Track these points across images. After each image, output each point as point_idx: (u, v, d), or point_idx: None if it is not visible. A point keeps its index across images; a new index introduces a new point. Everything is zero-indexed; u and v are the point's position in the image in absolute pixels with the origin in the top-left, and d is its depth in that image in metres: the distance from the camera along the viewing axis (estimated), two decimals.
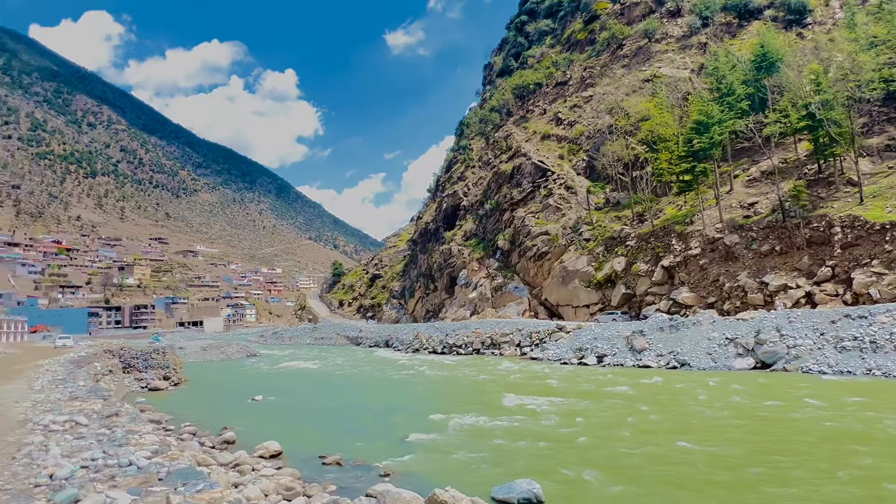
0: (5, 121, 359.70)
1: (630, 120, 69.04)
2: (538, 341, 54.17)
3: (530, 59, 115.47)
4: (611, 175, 69.71)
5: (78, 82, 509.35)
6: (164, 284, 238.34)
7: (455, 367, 47.42)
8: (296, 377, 47.85)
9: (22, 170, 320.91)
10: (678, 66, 77.02)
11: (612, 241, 62.49)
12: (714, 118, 51.35)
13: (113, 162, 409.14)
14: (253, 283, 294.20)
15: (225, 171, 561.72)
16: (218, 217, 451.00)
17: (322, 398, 34.91)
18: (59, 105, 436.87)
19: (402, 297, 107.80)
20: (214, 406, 32.92)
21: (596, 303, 61.12)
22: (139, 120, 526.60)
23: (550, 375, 38.59)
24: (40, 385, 21.33)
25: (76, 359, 36.83)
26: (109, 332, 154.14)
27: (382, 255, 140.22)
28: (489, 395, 31.25)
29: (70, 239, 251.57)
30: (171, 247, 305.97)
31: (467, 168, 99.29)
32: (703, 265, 50.53)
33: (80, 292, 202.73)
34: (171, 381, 42.04)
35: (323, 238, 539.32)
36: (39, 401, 16.32)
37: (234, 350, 74.62)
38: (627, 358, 42.38)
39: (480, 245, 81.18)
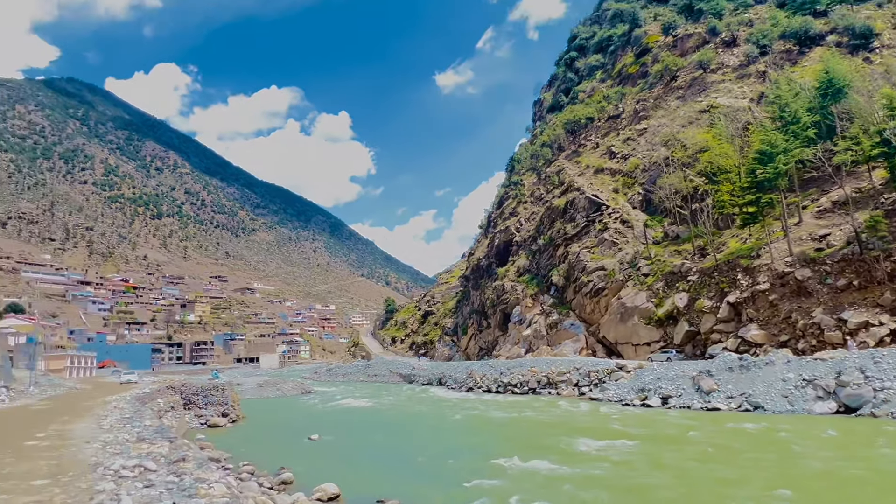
0: (82, 167, 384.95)
1: (687, 152, 67.32)
2: (597, 381, 52.18)
3: (581, 93, 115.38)
4: (668, 208, 67.76)
5: (148, 130, 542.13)
6: (222, 321, 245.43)
7: (511, 408, 46.04)
8: (350, 415, 47.51)
9: (95, 212, 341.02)
10: (736, 95, 75.08)
11: (672, 276, 60.28)
12: (778, 147, 49.31)
13: (177, 204, 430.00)
14: (307, 320, 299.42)
15: (281, 211, 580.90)
16: (274, 255, 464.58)
17: (377, 438, 34.33)
18: (130, 151, 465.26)
19: (454, 334, 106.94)
20: (271, 444, 32.83)
21: (657, 340, 58.67)
22: (202, 163, 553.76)
23: (614, 417, 36.82)
24: (109, 424, 21.62)
25: (141, 395, 37.64)
26: (171, 368, 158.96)
27: (434, 292, 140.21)
28: (551, 437, 29.92)
29: (137, 277, 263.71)
30: (230, 284, 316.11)
31: (519, 203, 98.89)
32: (773, 301, 47.83)
33: (145, 329, 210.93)
34: (229, 418, 42.41)
35: (375, 275, 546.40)
36: (108, 441, 16.42)
37: (289, 387, 75.15)
38: (695, 400, 40.05)
39: (534, 281, 79.91)
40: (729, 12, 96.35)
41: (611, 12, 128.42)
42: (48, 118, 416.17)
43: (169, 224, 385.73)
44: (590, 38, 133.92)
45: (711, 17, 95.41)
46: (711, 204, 60.17)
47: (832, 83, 53.85)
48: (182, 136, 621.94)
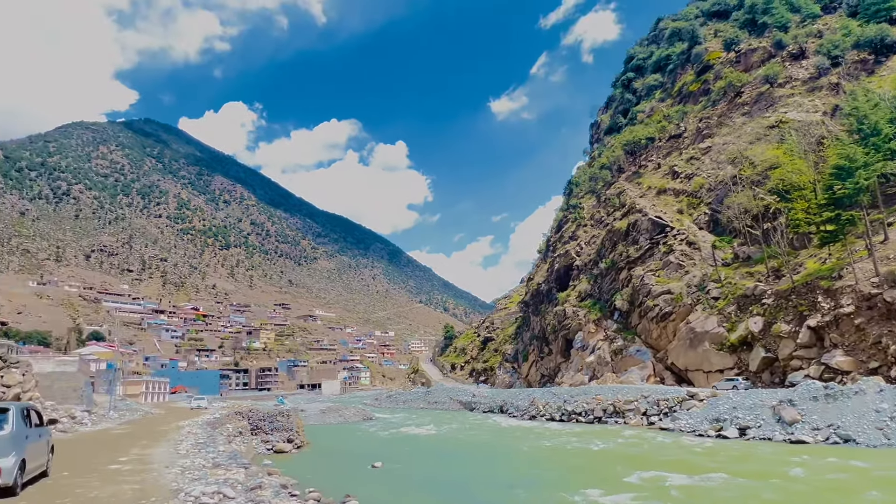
0: (157, 202, 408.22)
1: (756, 169, 64.57)
2: (667, 410, 49.82)
3: (639, 114, 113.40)
4: (738, 228, 64.92)
5: (217, 165, 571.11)
6: (286, 348, 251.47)
7: (579, 437, 44.50)
8: (412, 443, 47.16)
9: (169, 244, 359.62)
10: (807, 109, 71.76)
11: (744, 299, 57.40)
12: (858, 161, 46.52)
13: (244, 234, 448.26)
14: (367, 347, 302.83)
15: (341, 239, 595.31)
16: (335, 283, 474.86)
17: (441, 467, 33.82)
18: (201, 186, 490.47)
19: (514, 361, 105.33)
20: (335, 471, 32.87)
21: (731, 367, 55.75)
22: (267, 195, 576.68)
23: (692, 449, 34.92)
24: (185, 449, 22.19)
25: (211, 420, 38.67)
26: (238, 393, 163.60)
27: (494, 318, 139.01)
28: (626, 469, 28.53)
29: (206, 306, 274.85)
30: (293, 311, 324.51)
31: (579, 227, 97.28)
32: (859, 325, 44.62)
33: (214, 355, 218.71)
34: (294, 444, 42.86)
35: (433, 301, 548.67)
36: (186, 466, 16.82)
37: (351, 413, 75.63)
38: (776, 431, 37.49)
39: (596, 306, 77.92)
40: (795, 24, 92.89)
41: (668, 31, 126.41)
42: (127, 157, 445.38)
43: (236, 254, 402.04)
44: (647, 58, 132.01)
45: (776, 31, 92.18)
46: (785, 223, 57.21)
47: None
48: (248, 170, 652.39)
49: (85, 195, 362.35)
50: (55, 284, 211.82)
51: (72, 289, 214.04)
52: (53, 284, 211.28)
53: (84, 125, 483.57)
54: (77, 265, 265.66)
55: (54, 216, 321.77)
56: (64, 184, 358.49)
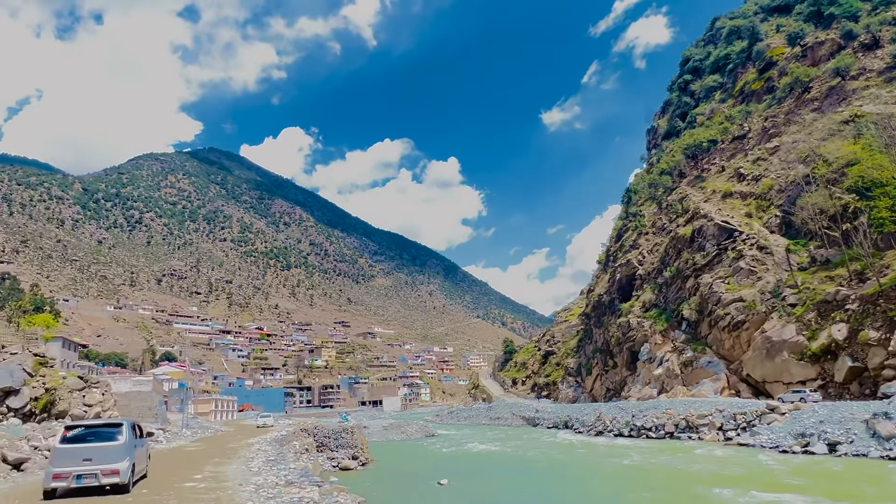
0: (222, 226, 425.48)
1: (832, 167, 60.86)
2: (745, 424, 47.01)
3: (699, 116, 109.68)
4: (813, 230, 61.20)
5: (276, 189, 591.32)
6: (346, 365, 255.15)
7: (649, 453, 42.55)
8: (477, 460, 46.32)
9: (233, 266, 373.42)
10: (885, 101, 67.33)
11: (825, 305, 53.82)
12: None
13: (303, 255, 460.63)
14: (426, 363, 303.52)
15: (397, 257, 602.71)
16: (392, 300, 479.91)
17: (509, 485, 32.88)
18: (262, 209, 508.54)
19: (577, 375, 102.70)
20: (401, 489, 32.51)
21: (813, 378, 52.21)
22: (324, 216, 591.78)
23: (777, 467, 32.66)
24: (256, 466, 22.32)
25: (279, 437, 39.14)
26: (301, 411, 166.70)
27: (554, 331, 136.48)
28: (702, 488, 26.89)
29: (270, 325, 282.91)
30: (353, 329, 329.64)
31: (640, 235, 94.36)
32: None
33: (278, 374, 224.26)
34: (359, 461, 42.88)
35: (490, 316, 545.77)
36: (260, 484, 16.79)
37: (413, 430, 75.41)
38: (871, 447, 34.56)
39: (662, 316, 75.01)
40: (865, 13, 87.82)
41: (726, 30, 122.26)
42: (193, 185, 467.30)
43: (296, 274, 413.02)
44: (704, 58, 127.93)
45: (845, 21, 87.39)
46: (867, 222, 53.50)
47: None
48: (306, 192, 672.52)
49: (155, 222, 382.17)
50: (130, 308, 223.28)
51: (145, 312, 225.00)
52: (129, 308, 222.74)
53: (153, 156, 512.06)
54: (150, 289, 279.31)
55: (128, 243, 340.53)
56: (136, 212, 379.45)
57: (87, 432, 15.74)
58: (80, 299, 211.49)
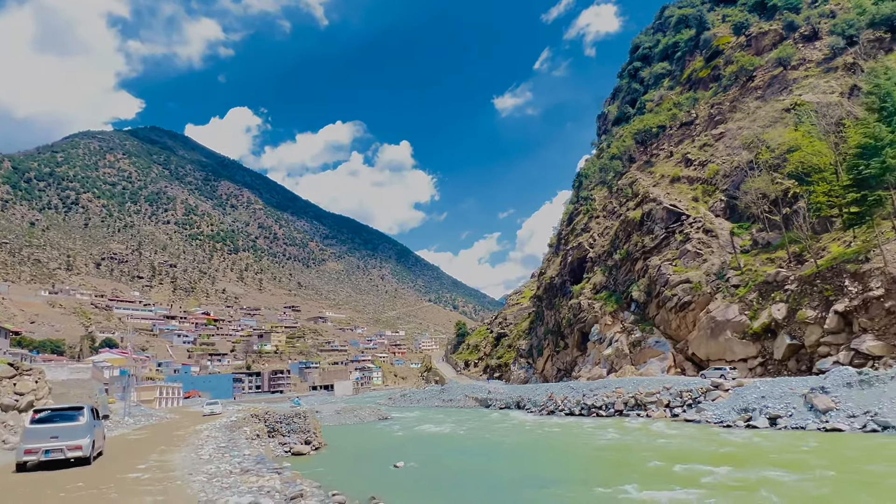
0: (165, 208, 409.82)
1: (774, 153, 63.06)
2: (691, 401, 48.63)
3: (648, 103, 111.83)
4: (756, 214, 63.50)
5: (223, 170, 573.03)
6: (297, 350, 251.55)
7: (602, 431, 43.40)
8: (432, 442, 46.21)
9: (178, 250, 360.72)
10: (823, 90, 70.16)
11: (766, 286, 56.06)
12: (884, 140, 45.11)
13: (252, 238, 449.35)
14: (378, 347, 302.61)
15: (349, 241, 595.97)
16: (344, 284, 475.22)
17: (465, 465, 32.82)
18: (208, 191, 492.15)
19: (529, 356, 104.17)
20: (356, 472, 31.99)
21: (754, 356, 54.43)
22: (273, 199, 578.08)
23: (723, 441, 33.77)
24: (207, 454, 21.16)
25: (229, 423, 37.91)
26: (250, 397, 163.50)
27: (506, 313, 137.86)
28: (654, 463, 27.48)
29: (217, 310, 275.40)
30: (303, 314, 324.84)
31: (591, 219, 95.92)
32: (889, 308, 43.28)
33: (226, 359, 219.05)
34: (312, 446, 42.06)
35: (442, 300, 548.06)
36: (213, 473, 15.70)
37: (366, 413, 74.91)
38: (809, 420, 36.21)
39: (612, 298, 76.63)
40: (806, 5, 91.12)
41: (674, 18, 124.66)
42: (134, 165, 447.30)
43: (245, 258, 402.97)
44: (653, 46, 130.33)
45: (788, 13, 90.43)
46: (806, 207, 55.80)
47: None
48: (254, 174, 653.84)
49: (93, 204, 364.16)
50: (67, 293, 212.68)
51: (83, 297, 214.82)
52: (65, 293, 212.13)
53: (91, 134, 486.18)
54: (88, 273, 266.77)
55: (64, 225, 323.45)
56: (72, 193, 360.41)
57: (53, 414, 18.21)
58: (11, 284, 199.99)
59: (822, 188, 53.43)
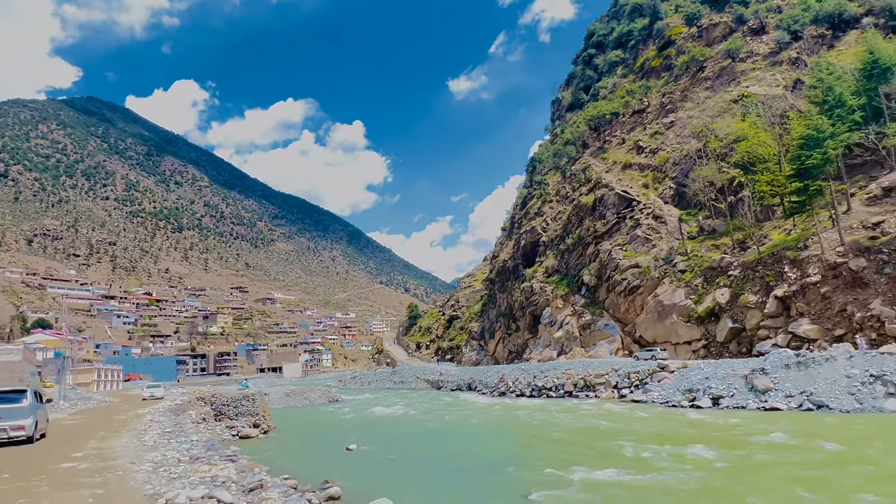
0: (104, 183, 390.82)
1: (721, 143, 64.88)
2: (638, 382, 49.97)
3: (602, 90, 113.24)
4: (702, 202, 65.43)
5: (166, 145, 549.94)
6: (244, 332, 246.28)
7: (550, 412, 44.04)
8: (384, 424, 45.88)
9: (118, 227, 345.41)
10: (769, 83, 72.51)
11: (711, 271, 57.93)
12: (825, 132, 46.91)
13: (197, 217, 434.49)
14: (328, 329, 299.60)
15: (299, 221, 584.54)
16: (293, 265, 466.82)
17: (418, 447, 32.64)
18: (150, 167, 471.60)
19: (481, 339, 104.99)
20: (308, 455, 31.32)
21: (698, 339, 56.34)
22: (220, 177, 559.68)
23: (666, 420, 34.77)
24: (151, 440, 19.87)
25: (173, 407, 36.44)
26: (195, 379, 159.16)
27: (458, 296, 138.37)
28: (607, 443, 27.95)
29: (160, 291, 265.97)
30: (251, 295, 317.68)
31: (544, 203, 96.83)
32: (825, 294, 45.36)
33: (169, 341, 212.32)
34: (260, 429, 41.01)
35: (394, 282, 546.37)
36: (158, 461, 14.47)
37: (316, 395, 73.93)
38: (749, 400, 37.75)
39: (564, 281, 77.79)
40: None
41: (629, 7, 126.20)
42: (70, 136, 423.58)
43: (189, 237, 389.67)
44: (608, 34, 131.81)
45: (738, 6, 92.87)
46: (750, 195, 57.77)
47: (878, 63, 51.29)
48: (200, 151, 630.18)
49: (25, 177, 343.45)
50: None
51: (13, 275, 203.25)
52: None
53: (21, 103, 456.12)
54: (18, 250, 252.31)
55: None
56: (1, 164, 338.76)
57: None
58: None
59: (766, 178, 55.33)
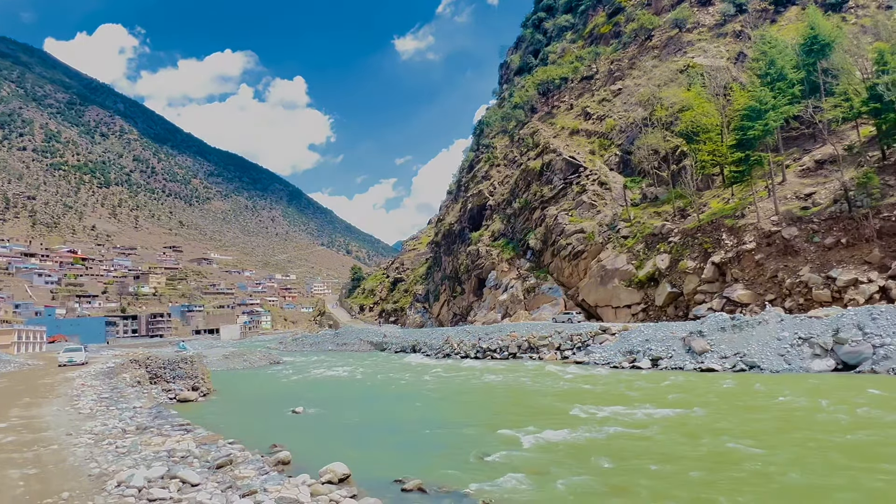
0: (20, 132, 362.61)
1: (668, 111, 65.94)
2: (580, 344, 51.25)
3: (551, 55, 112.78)
4: (646, 169, 66.76)
5: (91, 94, 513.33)
6: (179, 293, 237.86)
7: (496, 373, 44.58)
8: (329, 386, 45.26)
9: (37, 181, 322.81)
10: (713, 55, 73.96)
11: (652, 237, 59.51)
12: (767, 104, 48.30)
13: (126, 172, 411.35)
14: (267, 290, 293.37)
15: (237, 179, 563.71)
16: (231, 224, 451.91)
17: (366, 410, 32.23)
18: (73, 117, 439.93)
19: (425, 301, 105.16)
20: (252, 419, 30.41)
21: (638, 303, 58.12)
22: (151, 130, 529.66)
23: (608, 381, 35.70)
24: (88, 407, 17.55)
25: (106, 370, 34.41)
26: (127, 341, 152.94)
27: (403, 259, 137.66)
28: (551, 404, 28.37)
29: (85, 249, 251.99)
30: (186, 255, 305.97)
31: (492, 167, 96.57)
32: (759, 261, 47.43)
33: (97, 302, 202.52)
34: (199, 392, 39.63)
35: (335, 244, 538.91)
36: (99, 433, 12.32)
37: (256, 358, 72.35)
38: (686, 361, 39.36)
39: (510, 245, 78.34)
40: None
41: None
42: None
43: (118, 193, 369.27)
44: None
45: None
46: (692, 164, 59.27)
47: (817, 39, 52.97)
48: (129, 101, 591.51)
49: None
50: None
51: None
52: None
53: None
54: None
55: None
56: None
57: None
58: None
59: (708, 147, 56.79)
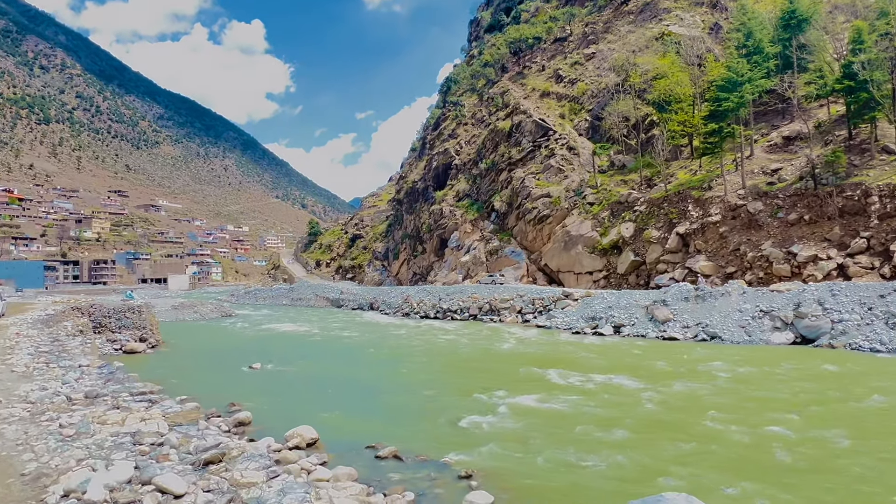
0: None
1: (641, 78, 65.11)
2: (542, 308, 51.11)
3: (524, 13, 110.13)
4: (616, 136, 66.22)
5: (30, 23, 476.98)
6: (124, 239, 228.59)
7: (457, 334, 43.95)
8: (286, 341, 43.77)
9: None
10: (689, 24, 73.23)
11: (618, 205, 59.37)
12: (744, 76, 47.98)
13: (68, 109, 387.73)
14: (219, 241, 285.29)
15: (188, 124, 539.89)
16: (181, 171, 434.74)
17: (328, 367, 31.05)
18: (8, 46, 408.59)
19: (385, 259, 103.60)
20: (206, 374, 28.84)
21: (600, 269, 58.25)
22: (96, 66, 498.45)
23: (574, 347, 35.51)
24: (22, 363, 14.11)
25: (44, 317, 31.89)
26: (67, 287, 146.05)
27: (363, 215, 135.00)
28: (519, 368, 27.76)
29: (22, 188, 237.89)
30: (132, 200, 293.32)
31: (459, 125, 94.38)
32: (722, 233, 47.84)
33: (35, 245, 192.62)
34: (147, 343, 37.58)
35: (291, 197, 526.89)
36: (37, 401, 9.24)
37: (208, 310, 69.94)
38: (649, 329, 39.51)
39: (474, 206, 77.22)
40: None
41: None
42: None
43: (58, 131, 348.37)
44: None
45: None
46: (662, 134, 58.97)
47: (795, 14, 52.71)
48: (72, 34, 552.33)
49: None
50: None
51: None
52: None
53: None
54: None
55: None
56: None
57: None
58: None
59: (679, 118, 56.51)
